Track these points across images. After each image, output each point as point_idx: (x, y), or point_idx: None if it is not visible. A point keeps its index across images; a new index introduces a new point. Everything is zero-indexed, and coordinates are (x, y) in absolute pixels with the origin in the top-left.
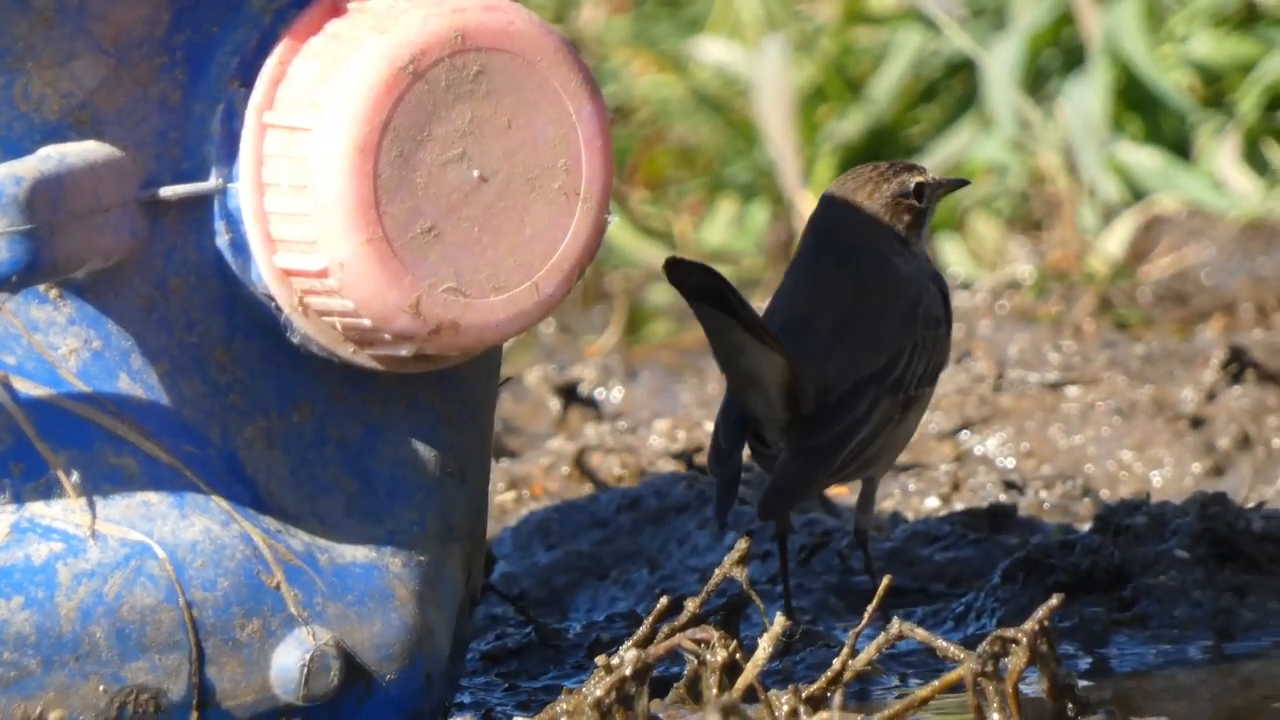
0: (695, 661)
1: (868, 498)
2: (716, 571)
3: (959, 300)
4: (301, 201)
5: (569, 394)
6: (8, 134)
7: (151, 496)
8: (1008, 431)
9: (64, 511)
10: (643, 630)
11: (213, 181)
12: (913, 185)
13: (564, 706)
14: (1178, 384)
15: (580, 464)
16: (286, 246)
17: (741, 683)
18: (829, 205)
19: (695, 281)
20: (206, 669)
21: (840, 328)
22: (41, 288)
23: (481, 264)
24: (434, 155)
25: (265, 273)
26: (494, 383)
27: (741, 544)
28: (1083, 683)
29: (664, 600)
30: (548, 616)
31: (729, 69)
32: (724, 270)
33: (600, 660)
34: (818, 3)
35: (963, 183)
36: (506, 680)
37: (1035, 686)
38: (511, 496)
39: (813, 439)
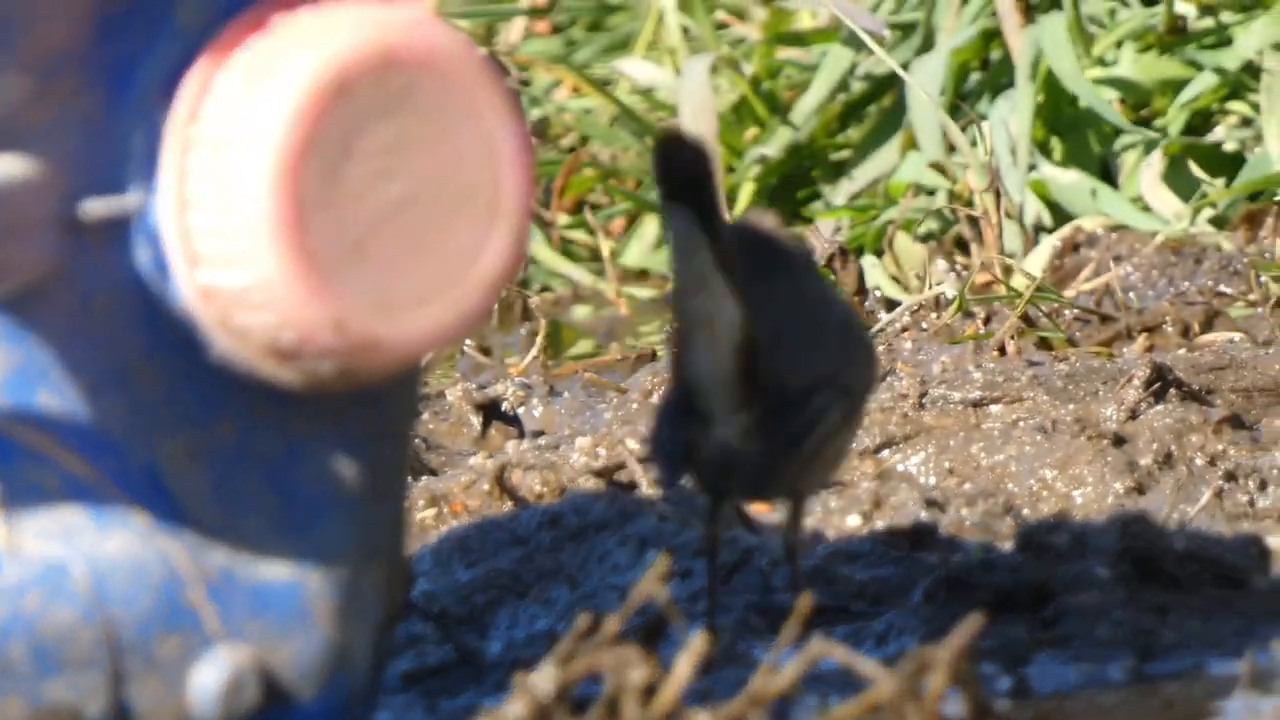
0: (614, 681)
1: (797, 513)
2: (636, 589)
3: (882, 320)
4: (223, 217)
5: (490, 411)
6: None
7: (71, 512)
8: (930, 449)
9: None
10: (561, 649)
11: (134, 198)
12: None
13: None
14: (1101, 402)
15: (501, 481)
16: (208, 263)
17: (660, 703)
18: (749, 222)
19: (684, 168)
20: (125, 688)
21: (782, 338)
22: None
23: (404, 280)
24: (359, 172)
25: (186, 289)
26: (414, 399)
27: (662, 562)
28: (1003, 703)
29: (583, 618)
30: (468, 635)
31: (654, 90)
32: (648, 292)
33: (519, 680)
34: (748, 24)
35: None
36: (426, 699)
37: (956, 706)
38: (432, 514)
39: (775, 426)
